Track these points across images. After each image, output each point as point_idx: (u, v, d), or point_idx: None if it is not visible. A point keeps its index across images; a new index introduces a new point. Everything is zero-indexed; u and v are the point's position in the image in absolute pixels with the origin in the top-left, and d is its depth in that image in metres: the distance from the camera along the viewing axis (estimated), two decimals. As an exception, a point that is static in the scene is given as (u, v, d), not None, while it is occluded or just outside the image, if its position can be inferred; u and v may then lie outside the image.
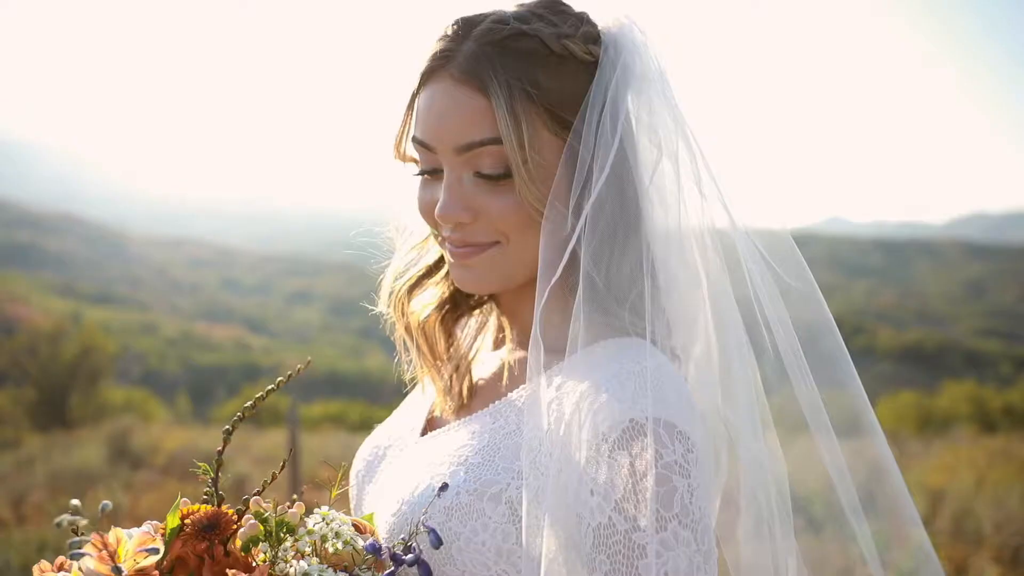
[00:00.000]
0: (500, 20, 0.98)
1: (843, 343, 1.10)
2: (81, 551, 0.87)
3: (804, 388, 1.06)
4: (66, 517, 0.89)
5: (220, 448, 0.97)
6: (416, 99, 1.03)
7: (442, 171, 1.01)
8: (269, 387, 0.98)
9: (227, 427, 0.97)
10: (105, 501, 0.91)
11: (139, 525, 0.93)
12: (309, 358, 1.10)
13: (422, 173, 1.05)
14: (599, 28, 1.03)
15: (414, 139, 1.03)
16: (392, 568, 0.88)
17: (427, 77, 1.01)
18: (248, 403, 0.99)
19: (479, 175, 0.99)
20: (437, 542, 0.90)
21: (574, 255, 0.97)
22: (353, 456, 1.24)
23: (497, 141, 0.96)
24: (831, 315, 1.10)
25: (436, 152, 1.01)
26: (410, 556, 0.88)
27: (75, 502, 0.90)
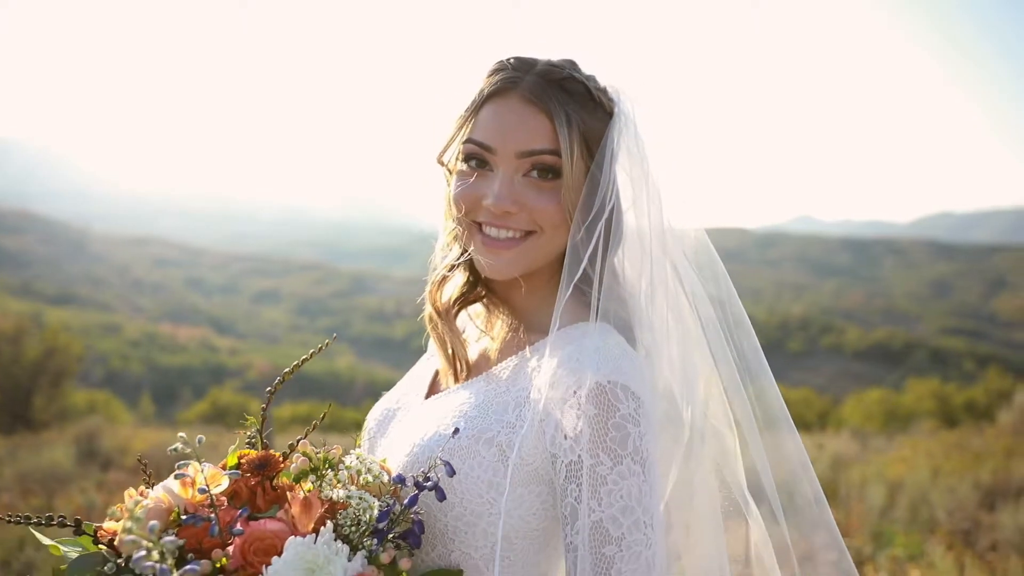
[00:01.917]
0: (554, 65, 1.30)
1: (758, 344, 1.38)
2: (184, 473, 1.12)
3: (740, 384, 1.35)
4: (178, 445, 1.11)
5: (264, 405, 1.25)
6: (479, 112, 1.30)
7: (487, 170, 1.29)
8: (304, 356, 1.28)
9: (269, 388, 1.25)
10: (200, 435, 1.14)
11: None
12: (335, 334, 1.38)
13: (472, 165, 1.30)
14: (607, 88, 1.35)
15: (472, 141, 1.29)
16: (416, 492, 1.13)
17: (494, 96, 1.29)
18: (286, 369, 1.26)
19: (528, 177, 1.27)
20: (451, 472, 1.15)
21: (579, 257, 1.26)
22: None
23: (553, 152, 1.25)
24: (748, 320, 1.39)
25: (496, 154, 1.27)
26: (429, 483, 1.13)
27: (182, 435, 1.12)
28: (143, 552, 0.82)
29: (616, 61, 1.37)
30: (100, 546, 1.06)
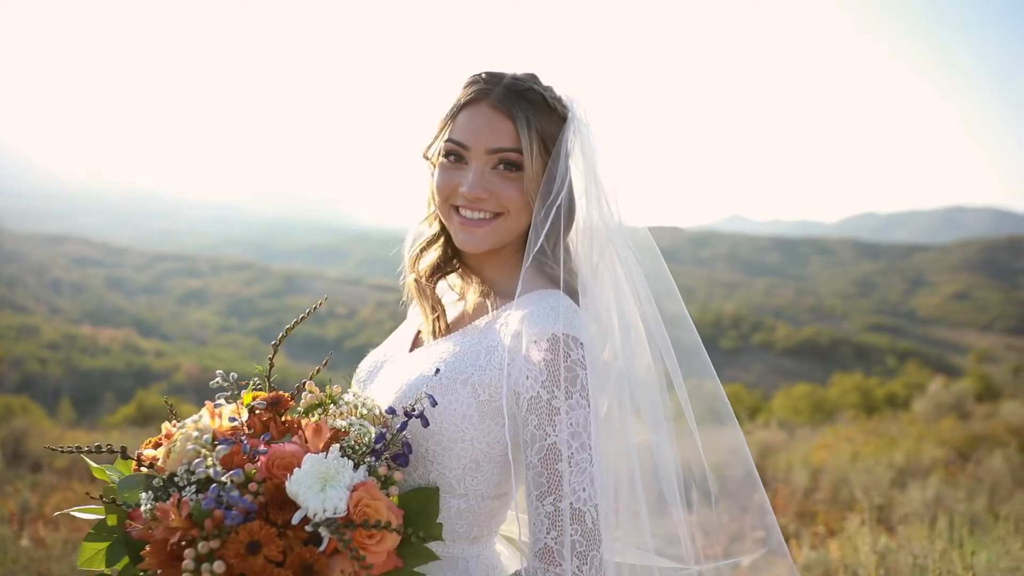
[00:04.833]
0: (517, 79, 1.57)
1: (699, 337, 1.61)
2: (222, 403, 1.40)
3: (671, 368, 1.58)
4: (219, 380, 1.42)
5: (271, 356, 1.51)
6: (457, 117, 1.58)
7: (463, 164, 1.56)
8: (302, 315, 1.53)
9: (274, 342, 1.50)
10: (234, 372, 1.44)
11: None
12: (326, 296, 1.61)
13: (451, 160, 1.57)
14: (562, 97, 1.62)
15: (452, 140, 1.57)
16: (406, 419, 1.40)
17: (469, 103, 1.57)
18: (281, 332, 1.50)
19: (496, 170, 1.54)
20: (434, 403, 1.43)
21: (538, 235, 1.53)
22: None
23: (516, 150, 1.53)
24: (687, 312, 1.62)
25: (470, 150, 1.55)
26: (416, 412, 1.41)
27: (220, 372, 1.44)
28: (200, 458, 1.05)
29: (564, 67, 1.62)
30: (143, 468, 1.26)
